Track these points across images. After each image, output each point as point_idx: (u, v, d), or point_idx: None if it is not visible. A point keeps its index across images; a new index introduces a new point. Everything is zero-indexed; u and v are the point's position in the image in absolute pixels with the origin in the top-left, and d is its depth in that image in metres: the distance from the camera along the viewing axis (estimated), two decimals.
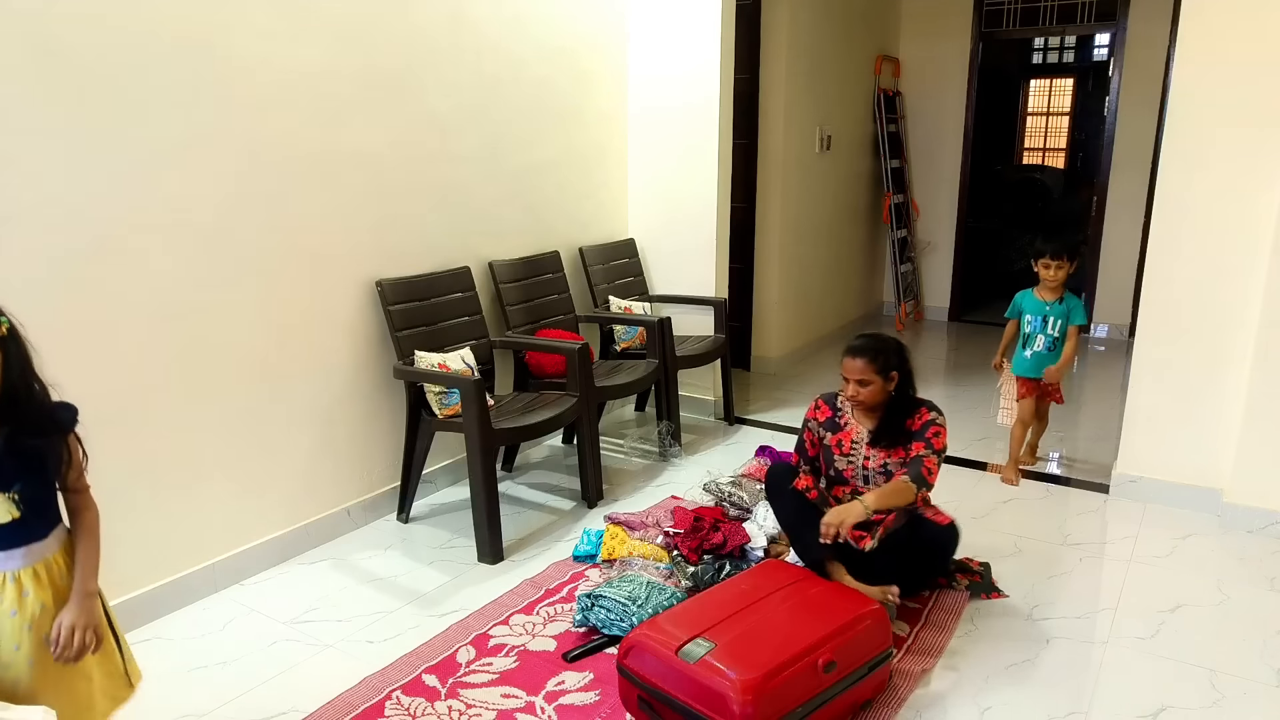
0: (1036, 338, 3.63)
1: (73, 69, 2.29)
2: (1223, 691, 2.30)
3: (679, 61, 4.27)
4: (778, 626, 2.13)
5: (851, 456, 2.68)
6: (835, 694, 2.07)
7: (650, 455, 4.01)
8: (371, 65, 3.10)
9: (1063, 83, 9.65)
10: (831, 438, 2.73)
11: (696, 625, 2.11)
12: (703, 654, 1.99)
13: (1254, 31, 3.04)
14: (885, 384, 2.59)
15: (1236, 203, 3.16)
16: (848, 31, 5.88)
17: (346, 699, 2.26)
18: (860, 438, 2.68)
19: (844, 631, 2.11)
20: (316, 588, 2.84)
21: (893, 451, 2.63)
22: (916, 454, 2.57)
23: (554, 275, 4.00)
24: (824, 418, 2.75)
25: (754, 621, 2.14)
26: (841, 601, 2.23)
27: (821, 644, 2.06)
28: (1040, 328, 3.62)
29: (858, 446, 2.68)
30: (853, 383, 2.59)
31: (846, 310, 6.45)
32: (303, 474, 3.05)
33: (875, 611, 2.21)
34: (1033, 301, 3.67)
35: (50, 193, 2.28)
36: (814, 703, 2.02)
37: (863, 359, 2.57)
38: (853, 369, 2.58)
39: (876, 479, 2.64)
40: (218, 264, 2.69)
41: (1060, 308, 3.59)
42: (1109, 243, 6.13)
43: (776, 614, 2.19)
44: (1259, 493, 3.22)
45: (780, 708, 1.94)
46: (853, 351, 2.60)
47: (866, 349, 2.59)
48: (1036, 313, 3.64)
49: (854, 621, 2.15)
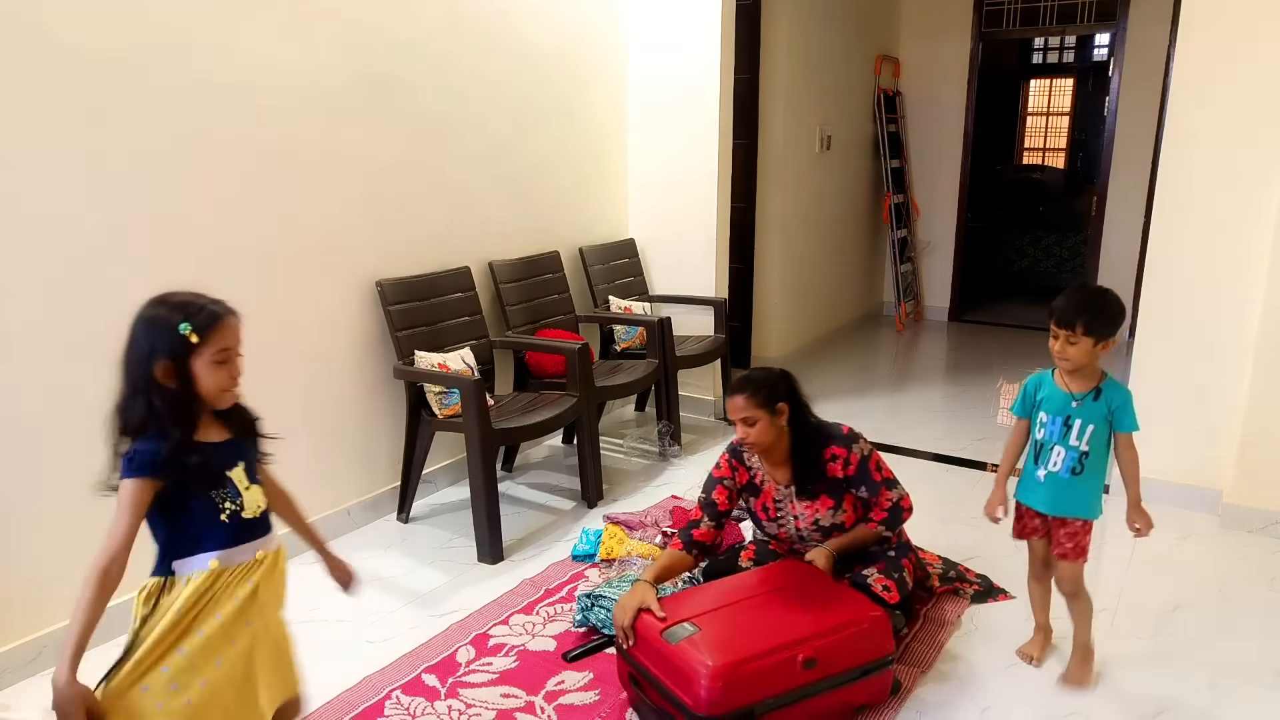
0: (1053, 451, 2.24)
1: (73, 69, 2.29)
2: (1223, 691, 2.30)
3: (679, 61, 4.27)
4: (766, 620, 2.14)
5: (780, 519, 2.47)
6: (815, 691, 2.07)
7: (650, 455, 4.01)
8: (371, 65, 3.10)
9: (1063, 83, 9.66)
10: (755, 502, 2.49)
11: (689, 611, 2.14)
12: (685, 637, 2.05)
13: (1253, 31, 3.04)
14: (774, 418, 2.32)
15: (1236, 203, 3.16)
16: (848, 31, 5.88)
17: (346, 698, 2.26)
18: (781, 496, 2.45)
19: (832, 632, 2.10)
20: (316, 588, 2.83)
21: (817, 502, 2.41)
22: (889, 505, 2.41)
23: (554, 275, 4.00)
24: (743, 481, 2.47)
25: (745, 612, 2.16)
26: (841, 604, 2.22)
27: (804, 641, 2.06)
28: (1059, 435, 2.23)
29: (782, 505, 2.45)
30: (739, 423, 2.33)
31: (846, 310, 6.45)
32: (302, 474, 3.04)
33: (875, 618, 2.18)
34: (1052, 390, 2.27)
35: (50, 193, 2.28)
36: (788, 696, 2.03)
37: (742, 395, 2.31)
38: (734, 408, 2.33)
39: (812, 536, 2.45)
40: (217, 264, 2.69)
41: (1096, 407, 2.21)
42: (1109, 243, 6.14)
43: (769, 608, 2.19)
44: (1259, 493, 3.22)
45: (749, 695, 1.98)
46: (731, 389, 2.35)
47: (744, 383, 2.34)
48: (1056, 410, 2.24)
49: (846, 624, 2.13)
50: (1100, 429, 2.20)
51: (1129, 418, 2.20)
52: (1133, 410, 2.21)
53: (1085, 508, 2.24)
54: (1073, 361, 2.18)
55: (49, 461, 2.34)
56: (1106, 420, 2.21)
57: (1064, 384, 2.24)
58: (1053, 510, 2.27)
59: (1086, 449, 2.20)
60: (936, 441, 4.18)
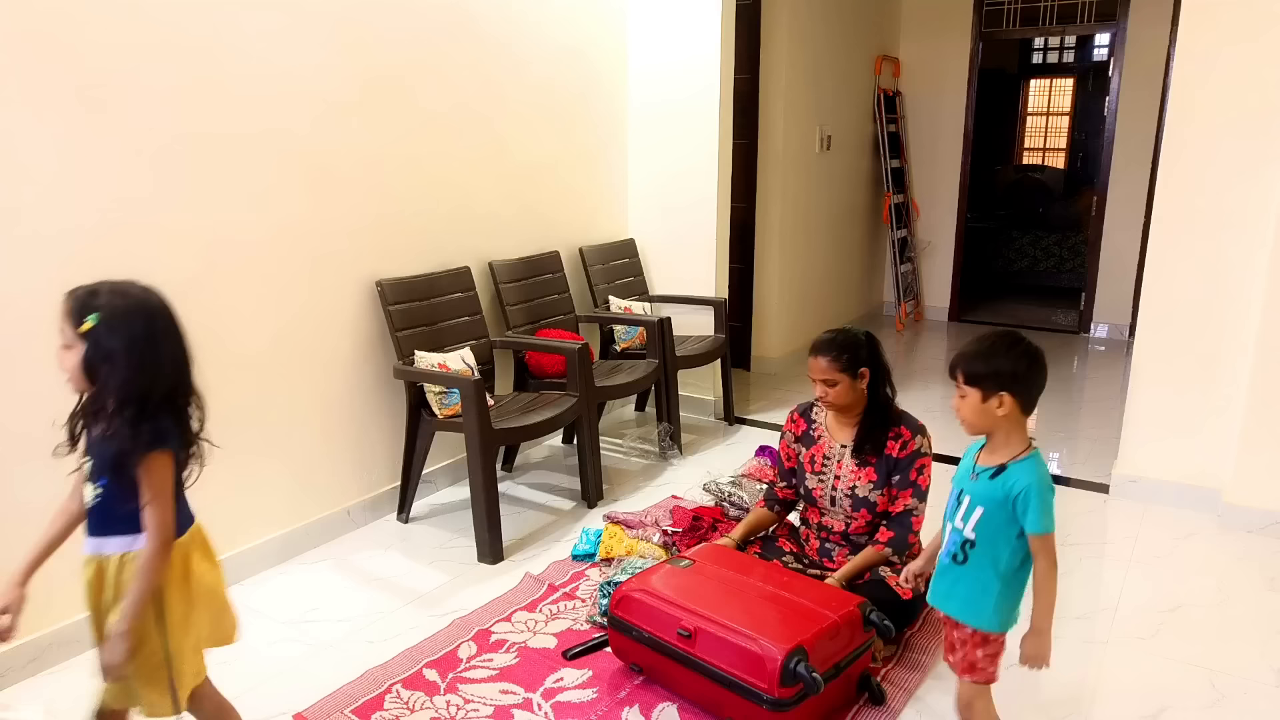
0: (945, 527, 1.86)
1: (72, 69, 2.29)
2: (1223, 691, 2.30)
3: (679, 61, 4.27)
4: (745, 609, 2.18)
5: (822, 474, 2.54)
6: (694, 666, 2.16)
7: (650, 455, 4.01)
8: (371, 65, 3.10)
9: (1063, 83, 9.65)
10: (805, 453, 2.58)
11: (681, 594, 2.26)
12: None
13: (1253, 32, 3.04)
14: (854, 382, 2.41)
15: (1236, 203, 3.16)
16: (848, 31, 5.88)
17: (348, 690, 2.27)
18: (832, 452, 2.52)
19: (725, 629, 2.12)
20: (316, 588, 2.84)
21: (864, 470, 2.47)
22: (903, 509, 2.39)
23: (554, 275, 4.00)
24: (799, 431, 2.61)
25: (729, 598, 2.23)
26: (815, 608, 2.17)
27: (702, 618, 2.15)
28: (950, 510, 1.84)
29: (829, 463, 2.52)
30: (819, 383, 2.42)
31: (847, 310, 6.45)
32: (303, 474, 3.05)
33: (837, 620, 2.14)
34: (969, 456, 1.86)
35: (50, 193, 2.28)
36: (667, 649, 2.20)
37: (825, 356, 2.40)
38: (816, 368, 2.41)
39: (843, 503, 2.51)
40: (217, 264, 2.69)
41: (992, 486, 1.73)
42: (1109, 243, 6.14)
43: (752, 597, 2.24)
44: (1259, 493, 3.22)
45: (636, 653, 2.26)
46: (815, 349, 2.42)
47: (829, 345, 2.41)
48: (957, 480, 1.86)
49: (822, 631, 2.10)
50: (993, 516, 1.72)
51: (1034, 513, 1.67)
52: (1042, 505, 1.67)
53: (970, 611, 1.77)
54: (966, 422, 1.76)
55: (46, 463, 2.33)
56: (1006, 508, 1.70)
57: (984, 453, 1.80)
58: (933, 600, 1.85)
59: (972, 536, 1.75)
60: (936, 442, 4.11)
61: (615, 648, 2.35)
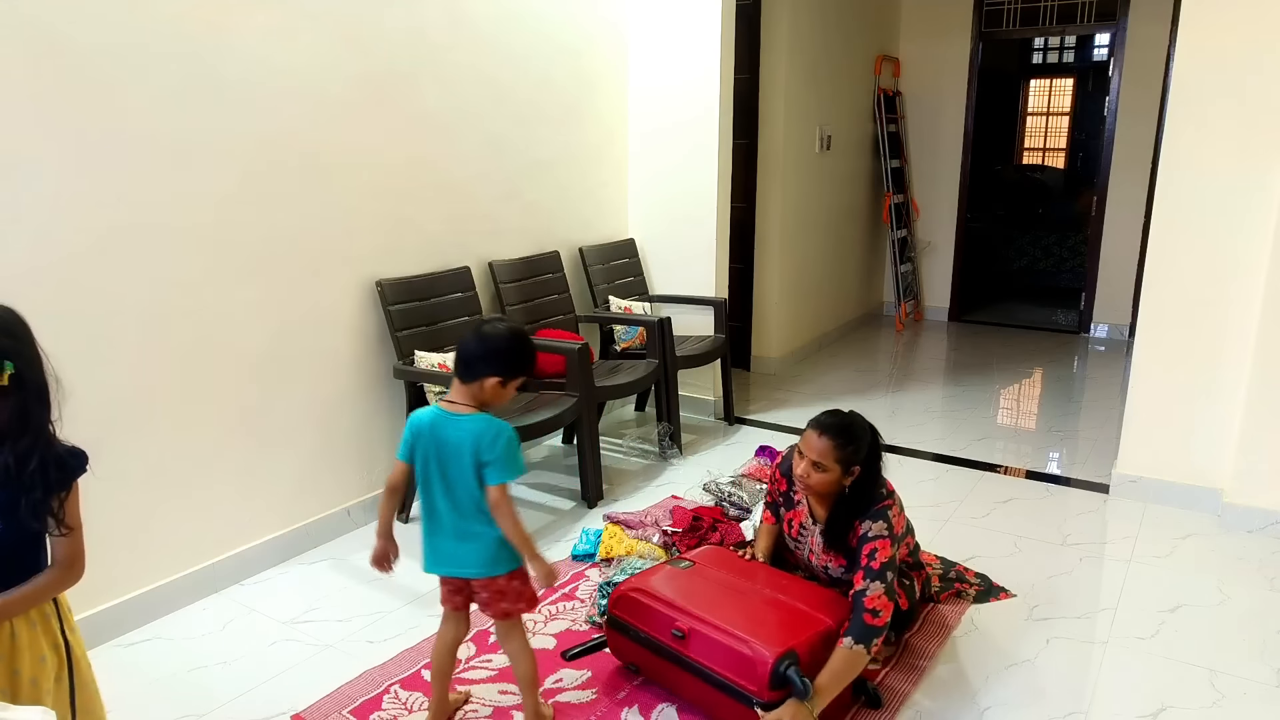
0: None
1: (72, 69, 2.29)
2: (1223, 691, 2.30)
3: (679, 61, 4.27)
4: (741, 611, 2.18)
5: (799, 542, 2.43)
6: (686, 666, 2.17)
7: (650, 455, 4.01)
8: (371, 65, 3.10)
9: (1063, 83, 9.66)
10: (786, 514, 2.47)
11: (679, 594, 2.26)
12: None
13: (1253, 31, 3.04)
14: (842, 477, 2.20)
15: (1236, 203, 3.16)
16: (848, 31, 5.88)
17: (346, 691, 2.27)
18: (808, 524, 2.39)
19: (717, 630, 2.12)
20: (316, 588, 2.84)
21: (832, 554, 2.33)
22: (855, 591, 2.11)
23: (554, 275, 4.00)
24: (782, 489, 2.47)
25: (726, 600, 2.23)
26: (812, 613, 2.17)
27: (696, 619, 2.15)
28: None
29: (805, 533, 2.40)
30: (809, 462, 2.21)
31: (846, 310, 6.45)
32: (303, 474, 3.05)
33: (832, 625, 2.13)
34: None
35: (50, 194, 2.28)
36: (660, 648, 2.20)
37: (829, 440, 2.18)
38: (813, 448, 2.20)
39: (820, 575, 2.41)
40: (217, 264, 2.69)
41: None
42: (1109, 243, 6.14)
43: (751, 600, 2.23)
44: (1259, 493, 3.22)
45: (632, 652, 2.26)
46: (820, 428, 2.20)
47: (836, 430, 2.19)
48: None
49: (816, 635, 2.10)
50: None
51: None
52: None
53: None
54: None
55: None
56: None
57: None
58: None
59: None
60: (936, 441, 4.18)
61: (613, 647, 2.35)
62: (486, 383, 1.94)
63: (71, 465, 1.47)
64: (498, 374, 1.93)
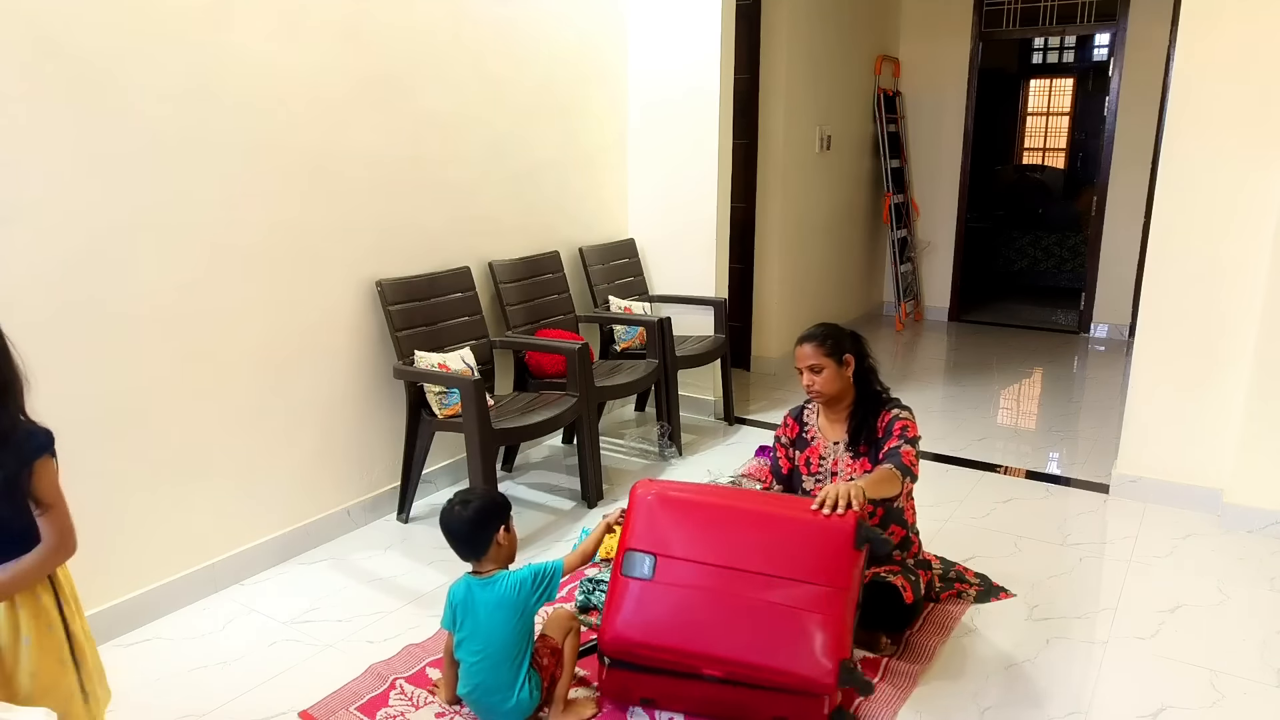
0: None
1: (72, 69, 2.29)
2: (1223, 691, 2.30)
3: (679, 61, 4.27)
4: (718, 617, 2.03)
5: (819, 475, 2.58)
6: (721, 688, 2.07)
7: (650, 455, 4.02)
8: (372, 65, 3.10)
9: (1063, 83, 9.65)
10: (800, 456, 2.62)
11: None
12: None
13: (1253, 31, 3.04)
14: (840, 369, 2.49)
15: (1236, 202, 3.16)
16: (848, 31, 5.88)
17: (353, 688, 2.28)
18: (827, 451, 2.57)
19: (760, 670, 2.00)
20: (316, 588, 2.84)
21: (859, 461, 2.51)
22: (890, 447, 2.41)
23: (554, 275, 4.00)
24: (793, 435, 2.66)
25: (733, 622, 2.04)
26: (822, 589, 2.02)
27: (725, 662, 2.02)
28: None
29: (825, 462, 2.57)
30: (806, 371, 2.50)
31: (847, 310, 6.45)
32: (303, 474, 3.05)
33: (844, 610, 2.05)
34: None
35: (50, 194, 2.28)
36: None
37: (810, 343, 2.49)
38: (802, 355, 2.50)
39: None
40: (218, 264, 2.69)
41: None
42: (1109, 243, 6.14)
43: (736, 604, 2.05)
44: (1259, 493, 3.22)
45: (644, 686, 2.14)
46: (801, 339, 2.53)
47: (812, 333, 2.52)
48: None
49: (844, 627, 2.00)
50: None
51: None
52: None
53: None
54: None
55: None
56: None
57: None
58: None
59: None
60: (936, 441, 4.17)
61: (615, 689, 2.19)
62: (496, 540, 2.18)
63: (32, 445, 1.48)
64: (494, 531, 2.17)
